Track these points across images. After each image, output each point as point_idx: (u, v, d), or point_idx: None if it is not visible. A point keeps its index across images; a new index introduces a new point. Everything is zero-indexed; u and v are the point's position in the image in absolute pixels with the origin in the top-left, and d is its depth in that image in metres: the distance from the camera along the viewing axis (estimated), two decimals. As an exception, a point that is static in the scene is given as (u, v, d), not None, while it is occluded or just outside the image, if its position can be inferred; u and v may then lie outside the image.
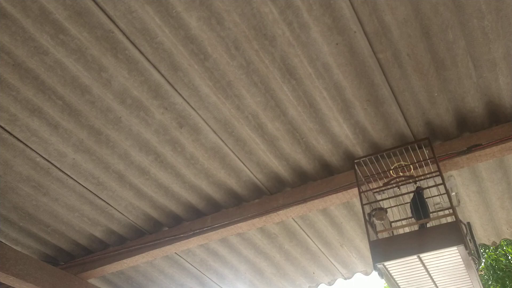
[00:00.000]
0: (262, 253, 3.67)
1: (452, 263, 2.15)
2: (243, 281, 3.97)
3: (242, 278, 3.93)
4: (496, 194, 3.09)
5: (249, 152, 2.87)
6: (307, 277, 3.89)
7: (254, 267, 3.80)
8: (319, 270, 3.81)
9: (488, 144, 2.57)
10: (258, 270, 3.83)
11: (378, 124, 2.68)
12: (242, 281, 3.97)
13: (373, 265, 2.16)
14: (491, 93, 2.51)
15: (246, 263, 3.76)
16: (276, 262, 3.74)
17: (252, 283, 3.98)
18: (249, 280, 3.95)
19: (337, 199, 2.93)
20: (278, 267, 3.79)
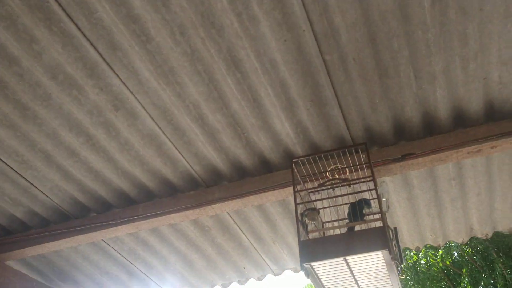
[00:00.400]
0: (194, 245, 3.62)
1: (375, 266, 2.21)
2: (172, 272, 3.90)
3: (171, 269, 3.85)
4: (423, 202, 3.23)
5: (188, 143, 2.79)
6: (237, 271, 3.89)
7: (185, 259, 3.74)
8: (250, 265, 3.82)
9: (421, 153, 2.67)
10: (189, 262, 3.77)
11: (319, 125, 2.70)
12: (171, 272, 3.89)
13: (300, 264, 2.18)
14: (429, 104, 2.60)
15: (176, 254, 3.69)
16: (208, 255, 3.71)
17: (182, 274, 3.91)
18: (178, 272, 3.88)
19: (273, 197, 2.93)
20: (209, 260, 3.75)
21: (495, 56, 2.35)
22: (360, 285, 2.35)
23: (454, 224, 3.44)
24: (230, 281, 4.02)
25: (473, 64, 2.39)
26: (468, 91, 2.51)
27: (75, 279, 3.91)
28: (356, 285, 2.35)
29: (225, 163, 2.93)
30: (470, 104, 2.57)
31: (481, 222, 3.42)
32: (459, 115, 2.64)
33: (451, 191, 3.14)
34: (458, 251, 6.94)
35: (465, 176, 3.03)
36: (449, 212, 3.32)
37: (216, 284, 4.06)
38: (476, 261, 6.87)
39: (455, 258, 6.95)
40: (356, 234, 2.24)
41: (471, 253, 6.76)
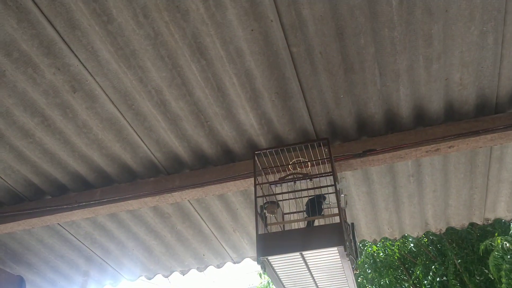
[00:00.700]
0: (153, 232, 3.56)
1: (331, 261, 2.23)
2: (129, 258, 3.84)
3: (129, 254, 3.79)
4: (382, 196, 3.28)
5: (149, 129, 2.72)
6: (197, 258, 3.87)
7: (143, 245, 3.68)
8: (210, 252, 3.81)
9: (382, 150, 2.70)
10: (147, 248, 3.72)
11: (283, 118, 2.68)
12: (129, 257, 3.83)
13: (257, 258, 2.17)
14: (391, 102, 2.63)
15: (134, 240, 3.63)
16: (167, 242, 3.67)
17: (140, 260, 3.86)
18: (136, 257, 3.82)
19: (235, 187, 2.90)
20: (168, 246, 3.72)
21: (457, 58, 2.38)
22: (315, 279, 2.37)
23: (410, 218, 3.52)
24: (189, 268, 4.00)
25: (436, 65, 2.41)
26: (430, 90, 2.54)
27: (29, 261, 3.79)
28: (312, 279, 2.37)
29: (187, 151, 2.88)
30: (431, 104, 2.61)
31: (435, 217, 3.52)
32: (420, 113, 2.67)
33: (409, 187, 3.20)
34: (414, 241, 7.16)
35: (423, 173, 3.09)
36: (406, 207, 3.40)
37: (175, 271, 4.03)
38: (430, 251, 7.12)
39: (411, 248, 7.18)
40: (313, 230, 2.25)
41: (426, 244, 7.01)
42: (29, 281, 3.85)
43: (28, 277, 3.82)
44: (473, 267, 6.35)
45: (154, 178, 3.03)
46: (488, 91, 2.57)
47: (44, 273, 3.87)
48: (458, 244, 6.69)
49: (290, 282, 2.40)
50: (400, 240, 6.29)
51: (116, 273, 4.00)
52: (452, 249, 6.58)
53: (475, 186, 3.22)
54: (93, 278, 4.05)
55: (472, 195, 3.31)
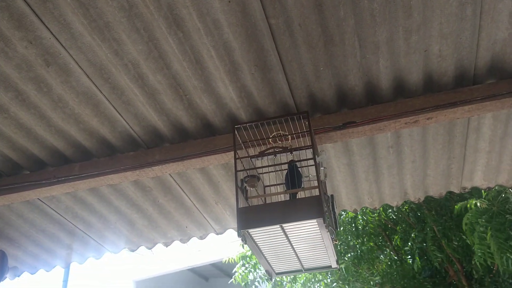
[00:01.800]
0: (135, 205, 3.58)
1: (311, 233, 2.29)
2: (112, 231, 3.86)
3: (111, 227, 3.81)
4: (362, 168, 3.34)
5: (127, 103, 2.69)
6: (180, 230, 3.91)
7: (125, 218, 3.70)
8: (192, 224, 3.85)
9: (362, 122, 2.72)
10: (129, 221, 3.74)
11: (263, 91, 2.67)
12: (112, 230, 3.86)
13: (237, 231, 2.21)
14: (371, 74, 2.63)
15: (116, 214, 3.64)
16: (149, 215, 3.69)
17: (122, 233, 3.89)
18: (119, 230, 3.85)
19: (216, 160, 2.92)
20: (151, 219, 3.74)
21: (436, 29, 2.39)
22: (296, 250, 2.43)
23: (390, 188, 3.60)
24: (172, 239, 4.05)
25: (415, 36, 2.42)
26: (409, 62, 2.56)
27: (10, 236, 3.78)
28: (292, 250, 2.42)
29: (166, 125, 2.86)
30: (410, 75, 2.63)
31: (414, 187, 3.60)
32: (400, 85, 2.69)
33: (388, 158, 3.26)
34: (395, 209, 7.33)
35: (402, 144, 3.14)
36: (385, 178, 3.46)
37: (158, 243, 4.08)
38: (410, 218, 7.32)
39: (392, 215, 7.36)
40: (292, 202, 2.29)
41: (406, 211, 7.19)
42: (11, 256, 3.85)
43: (10, 252, 3.82)
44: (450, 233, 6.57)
45: (134, 152, 3.02)
46: (467, 62, 2.59)
47: (25, 247, 3.88)
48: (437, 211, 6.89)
49: (270, 254, 2.46)
50: (381, 208, 6.43)
51: (99, 246, 4.03)
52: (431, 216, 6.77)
53: (453, 156, 3.30)
54: (76, 251, 4.07)
55: (450, 165, 3.38)
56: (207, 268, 15.04)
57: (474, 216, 5.25)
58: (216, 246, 12.16)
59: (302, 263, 2.58)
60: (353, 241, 7.73)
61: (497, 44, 2.49)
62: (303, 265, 2.59)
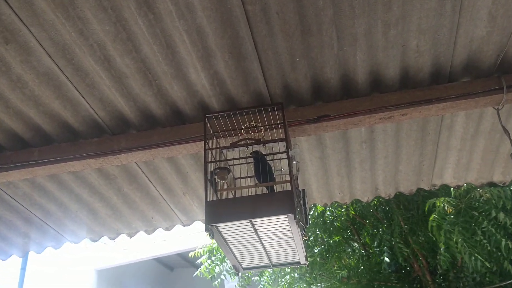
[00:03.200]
0: (98, 194, 3.48)
1: (280, 228, 2.26)
2: (73, 220, 3.74)
3: (72, 216, 3.69)
4: (335, 162, 3.34)
5: (91, 86, 2.58)
6: (145, 221, 3.84)
7: (87, 207, 3.60)
8: (158, 215, 3.78)
9: (336, 116, 2.71)
10: (92, 210, 3.64)
11: (237, 79, 2.62)
12: (72, 219, 3.74)
13: (205, 226, 2.16)
14: (348, 67, 2.62)
15: (78, 202, 3.53)
16: (113, 204, 3.60)
17: (84, 222, 3.78)
18: (80, 219, 3.73)
19: (185, 150, 2.85)
20: (115, 209, 3.65)
21: (415, 24, 2.38)
22: (265, 246, 2.40)
23: (361, 184, 3.63)
24: (136, 230, 3.97)
25: (394, 30, 2.41)
26: (387, 56, 2.55)
27: (-38, 223, 3.62)
28: (261, 246, 2.40)
29: (134, 111, 2.77)
30: (387, 70, 2.63)
31: (385, 183, 3.64)
32: (376, 80, 2.69)
33: (361, 152, 3.27)
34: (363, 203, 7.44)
35: (376, 140, 3.16)
36: (357, 173, 3.48)
37: (122, 233, 4.00)
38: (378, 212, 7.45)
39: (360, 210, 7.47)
40: (263, 197, 2.26)
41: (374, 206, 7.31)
42: (-37, 244, 3.69)
43: (-39, 240, 3.66)
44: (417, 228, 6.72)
45: (98, 139, 2.92)
46: (443, 60, 2.61)
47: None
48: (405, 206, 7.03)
49: (238, 249, 2.42)
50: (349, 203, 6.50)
51: (59, 235, 3.91)
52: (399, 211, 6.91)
53: (425, 153, 3.34)
54: (33, 240, 3.93)
55: (422, 161, 3.43)
56: (172, 258, 14.96)
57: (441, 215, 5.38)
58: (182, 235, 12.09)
59: (271, 259, 2.56)
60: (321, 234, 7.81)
61: (474, 42, 2.51)
62: (272, 260, 2.57)
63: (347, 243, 7.65)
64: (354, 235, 7.81)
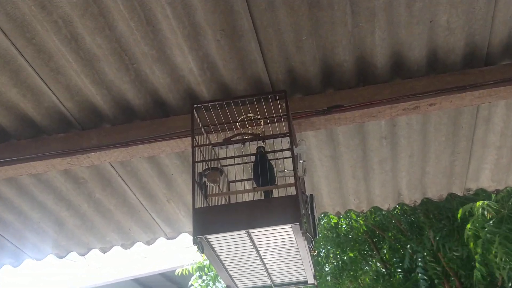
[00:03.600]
0: (65, 200, 3.49)
1: (284, 241, 2.27)
2: (35, 232, 3.75)
3: (34, 228, 3.70)
4: (349, 162, 3.36)
5: (56, 71, 2.60)
6: (121, 233, 3.85)
7: (52, 216, 3.61)
8: (137, 226, 3.80)
9: (351, 106, 2.72)
10: (57, 220, 3.65)
11: (231, 62, 2.63)
12: (34, 231, 3.75)
13: (192, 237, 2.17)
14: (364, 47, 2.62)
15: (41, 211, 3.55)
16: (83, 213, 3.61)
17: (48, 234, 3.79)
18: (43, 231, 3.75)
19: (169, 147, 2.87)
20: (85, 218, 3.66)
21: (445, -5, 2.40)
22: (265, 262, 2.41)
23: (381, 188, 3.64)
24: (111, 244, 3.99)
25: (419, 3, 2.42)
26: (411, 35, 2.56)
27: None
28: (260, 262, 2.41)
29: (107, 101, 2.79)
30: (412, 51, 2.64)
31: (410, 187, 3.66)
32: (398, 63, 2.70)
33: (381, 150, 3.28)
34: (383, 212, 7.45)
35: (398, 135, 3.17)
36: (376, 175, 3.50)
37: (94, 248, 4.01)
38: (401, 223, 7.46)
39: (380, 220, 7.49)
40: (263, 203, 2.26)
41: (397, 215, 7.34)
42: None
43: None
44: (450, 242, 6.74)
45: (65, 134, 2.93)
46: (479, 38, 2.62)
47: None
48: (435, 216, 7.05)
49: (233, 265, 2.43)
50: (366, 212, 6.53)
51: (18, 251, 3.92)
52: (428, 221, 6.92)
53: (457, 151, 3.35)
54: (-13, 256, 3.95)
55: (454, 161, 3.45)
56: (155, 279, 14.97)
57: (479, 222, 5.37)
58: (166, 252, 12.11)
59: (272, 278, 2.57)
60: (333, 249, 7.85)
61: (517, 17, 2.52)
62: (273, 280, 2.59)
63: (364, 259, 7.68)
64: (373, 250, 7.84)
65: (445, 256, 6.61)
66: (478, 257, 5.55)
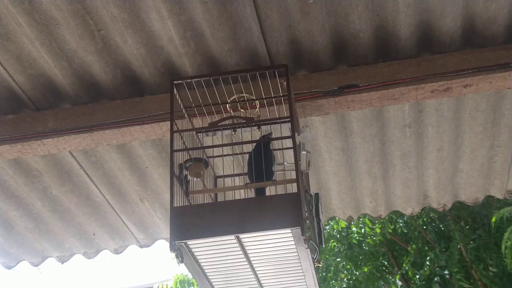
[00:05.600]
0: (14, 197, 3.52)
1: (281, 250, 2.28)
2: (-25, 236, 3.77)
3: (-26, 231, 3.73)
4: (364, 155, 3.37)
5: (5, 37, 2.62)
6: (83, 239, 3.88)
7: (-2, 218, 3.63)
8: (103, 231, 3.83)
9: (367, 86, 2.73)
10: (5, 221, 3.68)
11: (221, 30, 2.64)
12: (-26, 235, 3.77)
13: (169, 242, 2.18)
14: (385, 14, 2.63)
15: (-17, 210, 3.57)
16: (36, 213, 3.64)
17: (-7, 239, 3.81)
18: (-12, 236, 3.77)
19: (143, 133, 2.88)
20: (39, 220, 3.69)
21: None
22: (258, 275, 2.42)
23: (403, 188, 3.66)
24: (71, 252, 4.03)
25: (455, -40, 2.43)
26: (443, 0, 2.56)
27: None
28: (252, 275, 2.42)
29: (68, 76, 2.81)
30: (443, 20, 2.65)
31: (439, 187, 3.67)
32: (426, 35, 2.71)
33: (404, 142, 3.30)
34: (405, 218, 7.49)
35: (425, 123, 3.19)
36: (397, 172, 3.51)
37: (50, 256, 4.05)
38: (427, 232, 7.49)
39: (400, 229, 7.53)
40: (256, 202, 2.27)
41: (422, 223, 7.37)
42: None
43: None
44: (486, 255, 6.78)
45: (15, 116, 2.96)
46: (527, 6, 2.63)
47: None
48: (468, 223, 7.09)
49: (218, 278, 2.45)
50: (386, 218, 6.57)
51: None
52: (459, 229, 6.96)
53: (498, 144, 3.37)
54: None
55: (493, 156, 3.46)
56: (126, 298, 15.07)
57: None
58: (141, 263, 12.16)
59: (267, 294, 2.58)
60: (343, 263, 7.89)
61: None
62: (268, 297, 2.60)
63: (382, 276, 7.73)
64: (392, 265, 7.89)
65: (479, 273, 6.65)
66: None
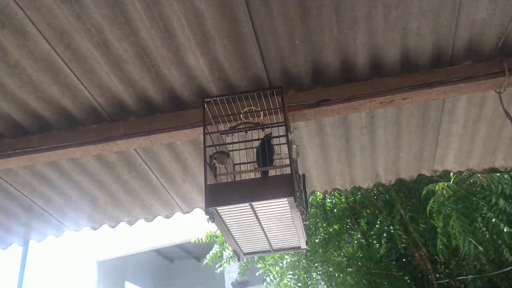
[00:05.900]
0: (97, 181, 3.47)
1: (281, 212, 2.26)
2: (73, 208, 3.74)
3: (72, 204, 3.70)
4: (335, 149, 3.33)
5: (90, 71, 2.57)
6: (144, 209, 3.84)
7: (87, 195, 3.60)
8: (158, 203, 3.78)
9: (336, 100, 2.70)
10: (92, 198, 3.64)
11: (236, 64, 2.60)
12: (72, 207, 3.74)
13: (205, 209, 2.16)
14: (348, 50, 2.60)
15: (78, 190, 3.53)
16: (112, 192, 3.60)
17: (84, 210, 3.78)
18: (80, 208, 3.74)
19: (184, 136, 2.85)
20: (114, 197, 3.65)
21: (416, 6, 2.36)
22: (265, 229, 2.40)
23: (361, 170, 3.62)
24: (136, 218, 3.98)
25: (394, 13, 2.39)
26: (387, 40, 2.53)
27: (-39, 212, 3.62)
28: (261, 230, 2.40)
29: (132, 97, 2.76)
30: (388, 54, 2.61)
31: (386, 169, 3.64)
32: (376, 64, 2.67)
33: (362, 139, 3.26)
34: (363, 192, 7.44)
35: (376, 125, 3.15)
36: (358, 159, 3.48)
37: (122, 221, 4.00)
38: (377, 201, 7.44)
39: (359, 199, 7.47)
40: (263, 180, 2.26)
41: (374, 195, 7.31)
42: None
43: (-39, 228, 3.67)
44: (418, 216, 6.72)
45: (97, 125, 2.91)
46: (445, 43, 2.59)
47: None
48: (405, 194, 7.03)
49: (239, 233, 2.43)
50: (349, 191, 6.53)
51: (59, 224, 3.91)
52: (399, 199, 6.90)
53: (426, 139, 3.33)
54: (34, 229, 3.94)
55: (423, 147, 3.42)
56: (172, 250, 15.01)
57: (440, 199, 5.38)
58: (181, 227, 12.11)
59: (271, 244, 2.56)
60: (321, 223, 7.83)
61: (476, 24, 2.49)
62: (272, 245, 2.58)
63: (347, 232, 7.67)
64: (354, 224, 7.83)
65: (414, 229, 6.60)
66: (440, 229, 5.55)
